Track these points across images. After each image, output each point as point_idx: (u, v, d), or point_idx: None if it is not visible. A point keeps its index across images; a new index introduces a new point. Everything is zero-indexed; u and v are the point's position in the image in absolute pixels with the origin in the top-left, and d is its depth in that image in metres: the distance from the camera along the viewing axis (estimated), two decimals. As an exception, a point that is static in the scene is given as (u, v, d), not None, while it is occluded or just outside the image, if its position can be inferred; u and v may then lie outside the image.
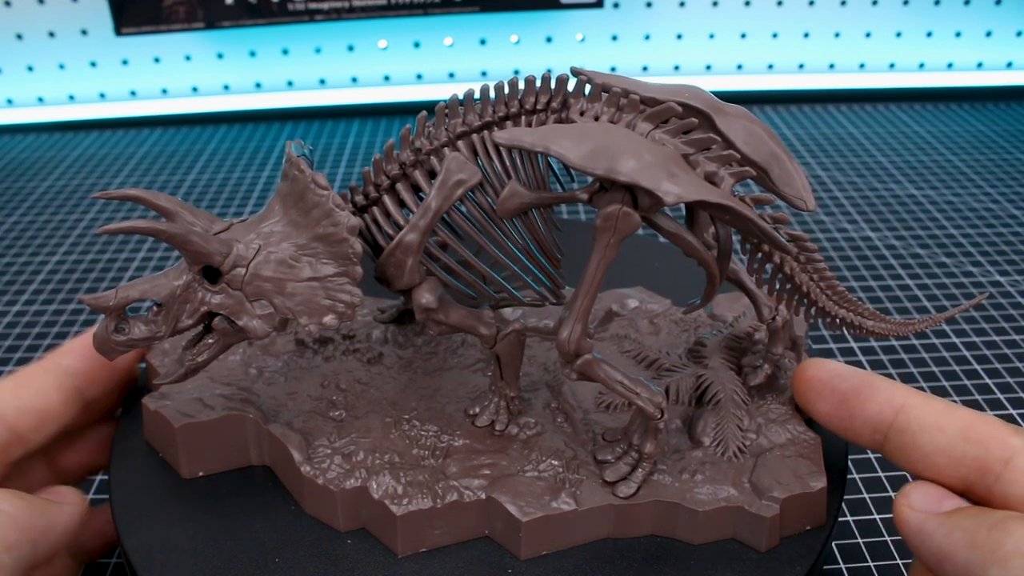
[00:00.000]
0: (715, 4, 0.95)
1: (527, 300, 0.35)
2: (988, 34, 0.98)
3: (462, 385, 0.38)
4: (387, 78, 0.98)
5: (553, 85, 0.33)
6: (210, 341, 0.32)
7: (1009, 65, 1.00)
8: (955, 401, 0.44)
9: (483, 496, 0.33)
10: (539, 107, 0.33)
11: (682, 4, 0.95)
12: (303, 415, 0.36)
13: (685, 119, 0.31)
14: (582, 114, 0.32)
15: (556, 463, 0.34)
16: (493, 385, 0.36)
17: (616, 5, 0.94)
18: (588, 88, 0.33)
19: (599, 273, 0.31)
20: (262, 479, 0.36)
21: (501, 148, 0.33)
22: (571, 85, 0.34)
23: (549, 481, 0.33)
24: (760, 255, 0.35)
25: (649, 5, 0.95)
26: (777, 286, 0.36)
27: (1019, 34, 0.99)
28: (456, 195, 0.32)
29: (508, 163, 0.33)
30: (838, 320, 0.36)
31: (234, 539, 0.33)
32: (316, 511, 0.34)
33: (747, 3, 0.96)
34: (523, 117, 0.33)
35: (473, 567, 0.32)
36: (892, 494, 0.43)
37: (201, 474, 0.36)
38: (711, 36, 0.97)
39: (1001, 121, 0.92)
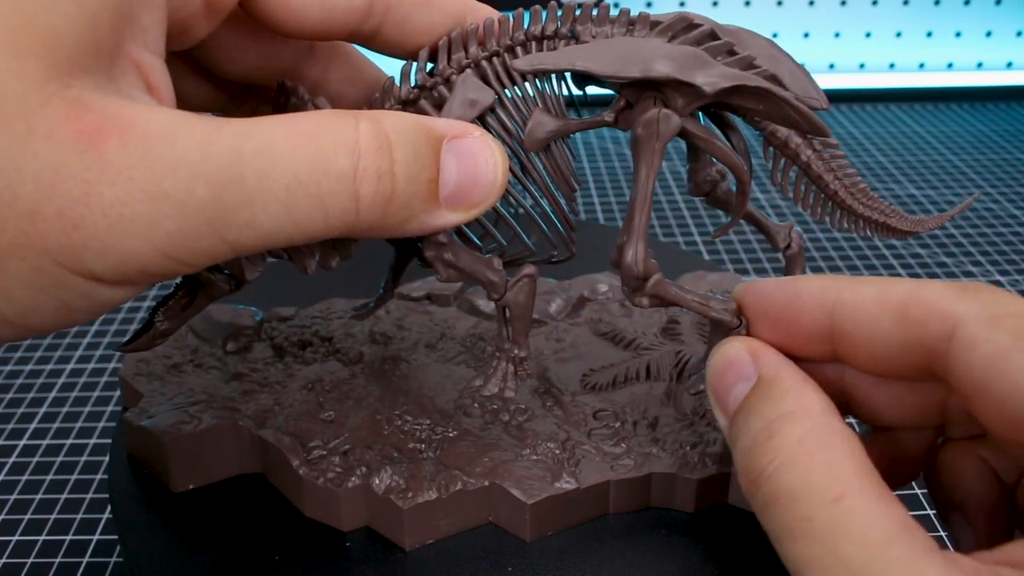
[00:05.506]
0: (715, 4, 0.95)
1: (537, 257, 0.34)
2: (988, 34, 0.98)
3: (447, 378, 0.38)
4: (387, 78, 0.98)
5: (560, 13, 0.32)
6: (184, 300, 0.31)
7: (1009, 65, 1.00)
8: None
9: (486, 483, 0.33)
10: (547, 34, 0.32)
11: (682, 4, 0.95)
12: (293, 419, 0.36)
13: (697, 29, 0.30)
14: (594, 38, 0.32)
15: (552, 445, 0.34)
16: (498, 349, 0.34)
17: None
18: (595, 11, 0.32)
19: (650, 184, 0.30)
20: (256, 486, 0.36)
21: (514, 75, 0.31)
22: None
23: (548, 463, 0.33)
24: (784, 160, 0.34)
25: (649, 5, 0.95)
26: (803, 190, 0.35)
27: (1019, 34, 0.99)
28: (469, 117, 0.30)
29: (522, 93, 0.32)
30: (862, 222, 0.36)
31: (237, 544, 0.33)
32: (316, 513, 0.33)
33: (747, 3, 0.96)
34: (532, 43, 0.32)
35: (481, 553, 0.32)
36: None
37: (192, 487, 0.35)
38: (711, 36, 0.97)
39: (1001, 121, 0.92)
